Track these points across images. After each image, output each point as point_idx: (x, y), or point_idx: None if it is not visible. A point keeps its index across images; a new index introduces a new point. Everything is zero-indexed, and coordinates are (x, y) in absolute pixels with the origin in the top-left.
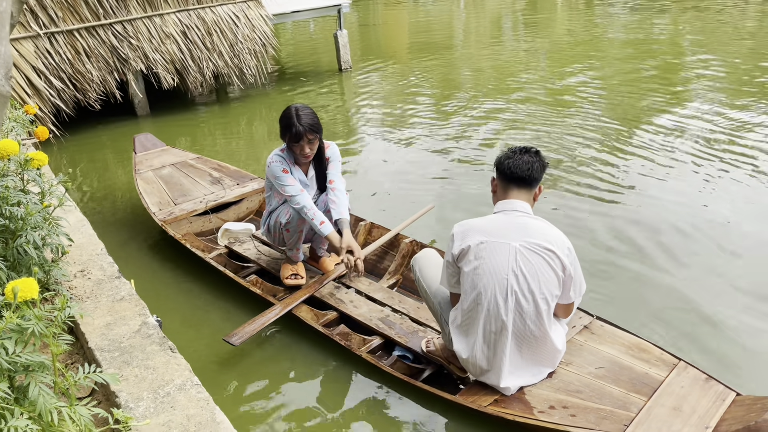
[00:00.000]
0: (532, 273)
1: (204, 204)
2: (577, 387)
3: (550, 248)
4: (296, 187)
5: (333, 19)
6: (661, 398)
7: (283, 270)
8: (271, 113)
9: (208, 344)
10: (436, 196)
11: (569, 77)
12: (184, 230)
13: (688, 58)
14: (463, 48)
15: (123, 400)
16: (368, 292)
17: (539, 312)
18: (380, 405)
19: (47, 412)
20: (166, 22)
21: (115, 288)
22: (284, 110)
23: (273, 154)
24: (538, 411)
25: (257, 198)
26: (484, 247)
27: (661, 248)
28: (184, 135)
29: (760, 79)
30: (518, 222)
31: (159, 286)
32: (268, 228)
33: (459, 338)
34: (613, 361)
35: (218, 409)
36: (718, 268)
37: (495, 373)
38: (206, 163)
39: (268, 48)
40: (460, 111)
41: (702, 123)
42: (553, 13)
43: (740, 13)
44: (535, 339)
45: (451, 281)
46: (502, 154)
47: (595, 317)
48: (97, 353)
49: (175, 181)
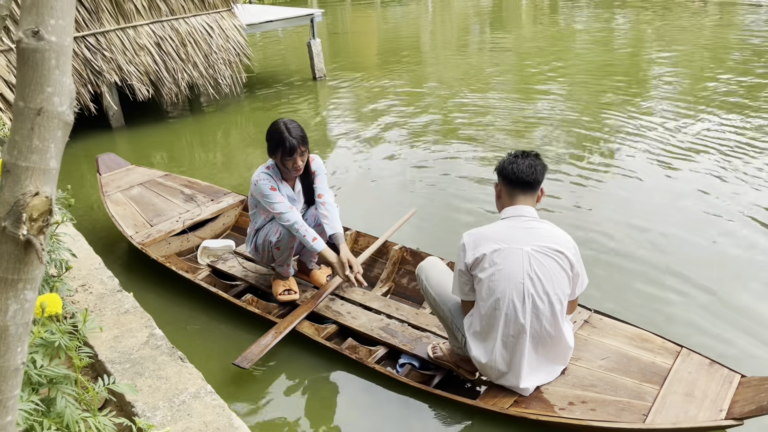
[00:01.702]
0: (546, 275)
1: (181, 223)
2: (591, 381)
3: (560, 249)
4: (285, 204)
5: (302, 28)
6: (672, 386)
7: (276, 286)
8: (247, 123)
9: (211, 370)
10: (415, 199)
11: (539, 82)
12: (163, 252)
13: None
14: (432, 53)
15: (140, 410)
16: (364, 302)
17: (554, 312)
18: (397, 414)
19: (74, 422)
20: (140, 34)
21: (118, 301)
22: (271, 126)
23: (259, 173)
24: (559, 408)
25: (233, 213)
26: (499, 254)
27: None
28: (159, 146)
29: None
30: (527, 227)
31: (147, 310)
32: (255, 246)
33: (477, 344)
34: (619, 353)
35: (234, 415)
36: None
37: (514, 375)
38: (175, 180)
39: (243, 58)
40: (431, 115)
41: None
42: (518, 16)
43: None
44: (550, 338)
45: (464, 289)
46: (504, 161)
47: (593, 311)
48: (108, 365)
49: (146, 201)
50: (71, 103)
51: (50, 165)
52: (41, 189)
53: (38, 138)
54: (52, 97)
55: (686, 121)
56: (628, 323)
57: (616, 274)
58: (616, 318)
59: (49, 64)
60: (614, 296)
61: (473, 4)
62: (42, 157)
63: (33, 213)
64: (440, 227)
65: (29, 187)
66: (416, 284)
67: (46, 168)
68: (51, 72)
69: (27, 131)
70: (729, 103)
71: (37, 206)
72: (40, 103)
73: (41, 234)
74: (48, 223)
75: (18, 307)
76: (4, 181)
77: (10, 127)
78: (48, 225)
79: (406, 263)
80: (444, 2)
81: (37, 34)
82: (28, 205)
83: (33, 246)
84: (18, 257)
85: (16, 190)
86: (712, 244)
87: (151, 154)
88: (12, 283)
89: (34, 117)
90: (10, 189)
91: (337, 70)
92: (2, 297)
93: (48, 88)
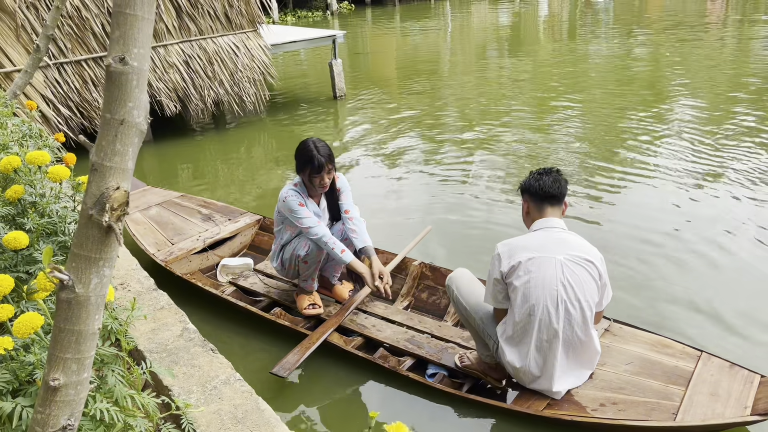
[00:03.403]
0: (578, 282)
1: (201, 241)
2: (619, 384)
3: (590, 259)
4: (313, 219)
5: (323, 48)
6: (696, 386)
7: (300, 301)
8: (270, 139)
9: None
10: (430, 217)
11: (552, 107)
12: (184, 269)
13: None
14: (449, 77)
15: (176, 393)
16: (386, 315)
17: (585, 318)
18: (430, 419)
19: (123, 398)
20: (170, 53)
21: (154, 299)
22: (300, 144)
23: (287, 189)
24: (591, 409)
25: (250, 232)
26: (533, 262)
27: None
28: (186, 160)
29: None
30: (558, 237)
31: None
32: (282, 262)
33: (511, 349)
34: (642, 358)
35: (261, 399)
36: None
37: (546, 379)
38: (191, 200)
39: (267, 77)
40: (448, 135)
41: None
42: (536, 41)
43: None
44: (581, 343)
45: (498, 297)
46: (528, 179)
47: (612, 320)
48: (147, 354)
49: (165, 220)
50: (146, 115)
51: (128, 165)
52: (121, 184)
53: (120, 143)
54: (132, 110)
55: (707, 142)
56: (647, 330)
57: (634, 285)
58: (635, 326)
59: (131, 84)
60: (632, 306)
61: (492, 23)
62: (122, 159)
63: (114, 204)
64: (456, 244)
65: (112, 182)
66: (436, 298)
67: (125, 168)
68: (132, 90)
69: (111, 138)
70: (746, 127)
71: (117, 198)
72: (123, 115)
73: (119, 221)
74: (125, 212)
75: (98, 281)
76: (92, 177)
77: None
78: (125, 214)
79: (426, 278)
80: (463, 21)
81: (122, 60)
82: (111, 197)
83: (113, 231)
84: (101, 240)
85: (102, 185)
86: (720, 260)
87: (177, 168)
88: (95, 261)
89: (117, 126)
90: (97, 184)
91: (357, 89)
92: (86, 272)
93: (129, 103)
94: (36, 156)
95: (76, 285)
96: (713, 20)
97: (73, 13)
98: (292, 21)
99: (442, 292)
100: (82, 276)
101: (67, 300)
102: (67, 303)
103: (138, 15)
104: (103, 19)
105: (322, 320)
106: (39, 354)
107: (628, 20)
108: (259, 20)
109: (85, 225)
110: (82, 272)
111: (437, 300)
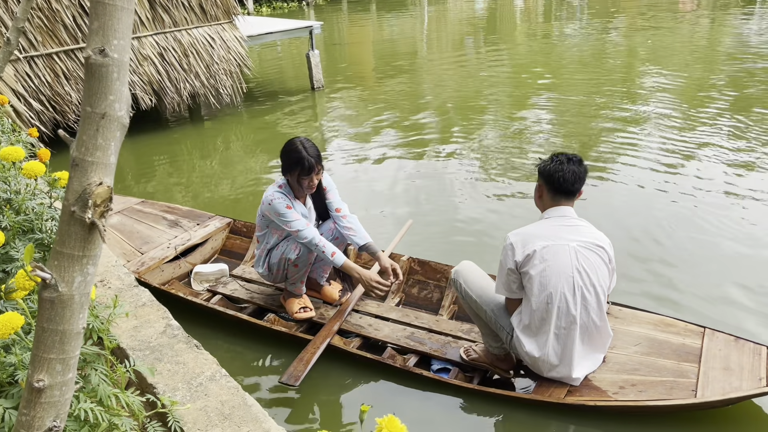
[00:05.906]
0: (591, 268)
1: (173, 249)
2: (633, 366)
3: (601, 245)
4: (302, 221)
5: (299, 40)
6: (708, 362)
7: (290, 305)
8: (248, 132)
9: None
10: (411, 210)
11: (530, 95)
12: (158, 279)
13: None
14: (427, 66)
15: (161, 391)
16: (381, 314)
17: (600, 303)
18: (445, 415)
19: (107, 397)
20: (144, 45)
21: (135, 295)
22: (287, 145)
23: (272, 192)
24: (612, 393)
25: (220, 237)
26: (548, 250)
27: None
28: (161, 154)
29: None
30: (569, 224)
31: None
32: (269, 266)
33: (528, 339)
34: (648, 338)
35: (248, 395)
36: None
37: (566, 366)
38: (153, 206)
39: (243, 68)
40: (426, 127)
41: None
42: (512, 29)
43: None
44: (596, 328)
45: (512, 287)
46: (549, 164)
47: (610, 303)
48: (130, 352)
49: (130, 229)
50: (128, 109)
51: (111, 160)
52: (104, 180)
53: (102, 137)
54: (114, 103)
55: (684, 128)
56: (646, 311)
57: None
58: (635, 307)
59: (111, 76)
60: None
61: (468, 15)
62: (104, 153)
63: (97, 200)
64: (438, 237)
65: (94, 178)
66: (427, 293)
67: (107, 162)
68: (113, 83)
69: (93, 132)
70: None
71: (100, 194)
72: (104, 108)
73: (102, 218)
74: (108, 208)
75: (82, 279)
76: (73, 173)
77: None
78: (108, 210)
79: (415, 273)
80: (439, 12)
81: (102, 52)
82: (94, 193)
83: (96, 227)
84: (84, 237)
85: (84, 180)
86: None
87: (155, 161)
88: (78, 258)
89: (98, 120)
90: (78, 180)
91: (335, 80)
92: (69, 270)
93: (110, 96)
94: (10, 152)
95: (59, 284)
96: (686, 9)
97: (43, 4)
98: (267, 12)
99: (433, 286)
100: (65, 274)
101: (50, 299)
102: (50, 302)
103: (117, 5)
104: (74, 11)
105: (315, 323)
106: (20, 354)
107: (600, 12)
108: (235, 11)
109: (68, 222)
110: (65, 270)
111: (428, 294)
